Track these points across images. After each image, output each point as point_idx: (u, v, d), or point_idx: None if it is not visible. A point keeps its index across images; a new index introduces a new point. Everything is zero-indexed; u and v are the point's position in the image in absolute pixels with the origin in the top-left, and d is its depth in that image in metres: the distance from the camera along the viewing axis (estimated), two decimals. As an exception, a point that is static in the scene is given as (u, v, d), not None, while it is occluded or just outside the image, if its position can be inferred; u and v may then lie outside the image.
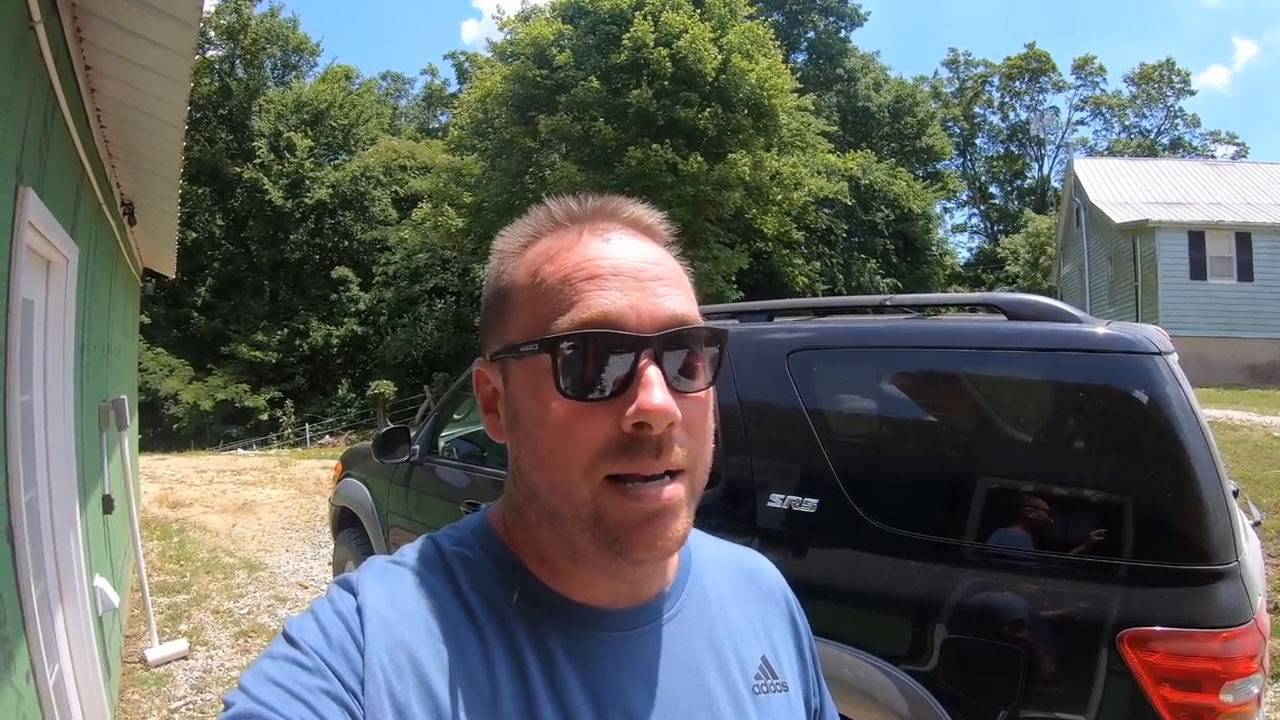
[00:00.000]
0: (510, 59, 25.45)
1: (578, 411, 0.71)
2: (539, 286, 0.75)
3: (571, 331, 0.71)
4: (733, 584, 0.94)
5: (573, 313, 0.72)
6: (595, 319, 0.71)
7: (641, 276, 0.74)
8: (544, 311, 0.74)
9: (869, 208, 35.77)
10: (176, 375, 30.89)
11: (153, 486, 11.84)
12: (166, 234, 7.32)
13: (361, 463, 5.62)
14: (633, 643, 0.80)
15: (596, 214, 0.80)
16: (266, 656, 0.70)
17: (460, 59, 47.93)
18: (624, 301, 0.72)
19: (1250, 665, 2.01)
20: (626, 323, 0.71)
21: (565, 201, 0.82)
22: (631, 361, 0.71)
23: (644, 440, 0.70)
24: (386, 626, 0.71)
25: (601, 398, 0.71)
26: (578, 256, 0.75)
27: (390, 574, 0.78)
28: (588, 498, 0.71)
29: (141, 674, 5.09)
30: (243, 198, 34.20)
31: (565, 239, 0.78)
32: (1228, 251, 19.73)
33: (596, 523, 0.72)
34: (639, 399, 0.69)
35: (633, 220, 0.80)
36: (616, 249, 0.76)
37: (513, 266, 0.80)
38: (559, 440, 0.72)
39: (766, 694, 0.87)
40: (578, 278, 0.73)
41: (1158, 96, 52.02)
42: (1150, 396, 2.20)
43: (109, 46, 3.25)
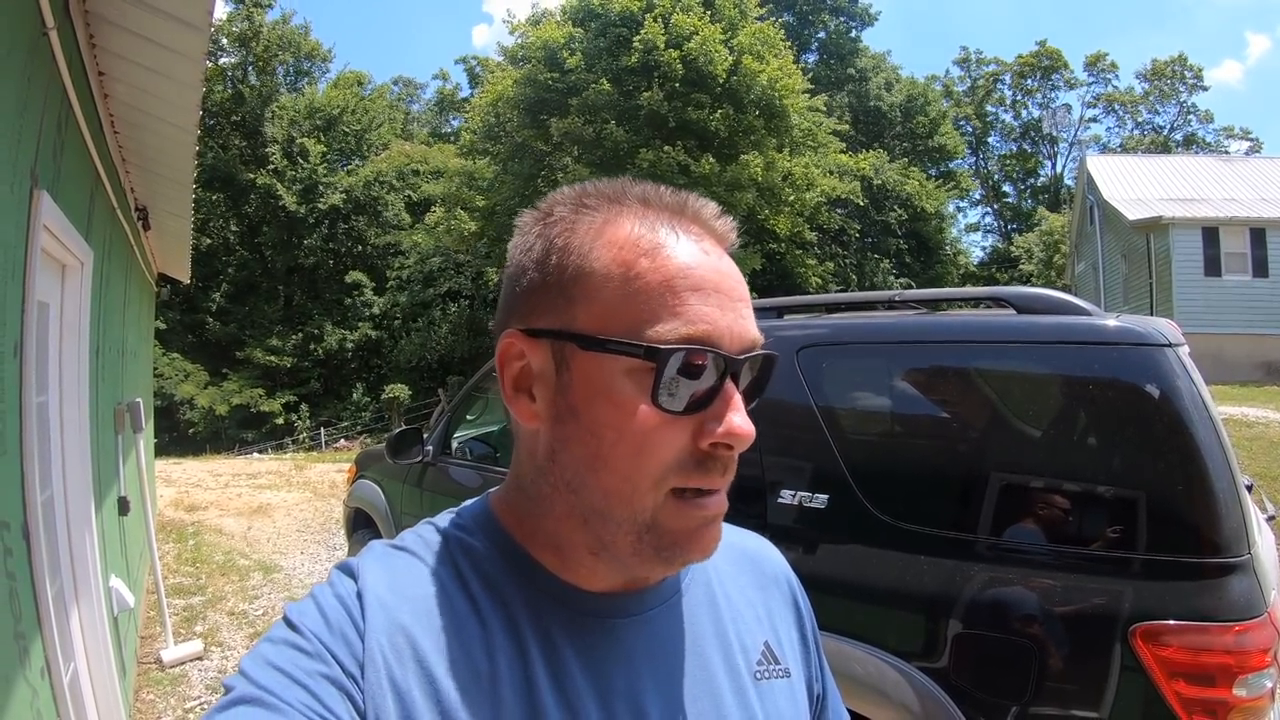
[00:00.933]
0: (521, 63, 25.47)
1: (663, 422, 0.70)
2: (633, 281, 0.71)
3: (679, 345, 0.69)
4: (735, 568, 0.94)
5: (676, 323, 0.69)
6: (701, 335, 0.69)
7: (733, 296, 0.73)
8: (639, 312, 0.70)
9: (882, 208, 35.69)
10: (192, 380, 31.12)
11: (169, 490, 11.91)
12: (181, 239, 7.37)
13: (375, 464, 5.64)
14: (635, 628, 0.80)
15: (692, 215, 0.77)
16: (266, 640, 0.70)
17: (471, 63, 48.12)
18: (723, 321, 0.71)
19: (1264, 659, 2.00)
20: (722, 342, 0.71)
21: (652, 187, 0.78)
22: (718, 381, 0.71)
23: (719, 459, 0.71)
24: (386, 611, 0.71)
25: (684, 413, 0.70)
26: (680, 261, 0.72)
27: (391, 558, 0.78)
28: (649, 507, 0.71)
29: (157, 674, 5.12)
30: (256, 203, 34.44)
31: (658, 233, 0.74)
32: (1242, 247, 19.56)
33: (650, 529, 0.72)
34: (728, 421, 0.69)
35: (721, 233, 0.78)
36: (715, 261, 0.74)
37: (586, 244, 0.74)
38: (635, 448, 0.70)
39: (769, 679, 0.86)
40: (682, 285, 0.71)
41: (1170, 92, 51.71)
42: (1161, 389, 2.19)
43: (121, 51, 3.28)
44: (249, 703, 0.64)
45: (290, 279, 35.99)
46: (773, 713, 0.84)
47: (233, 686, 0.66)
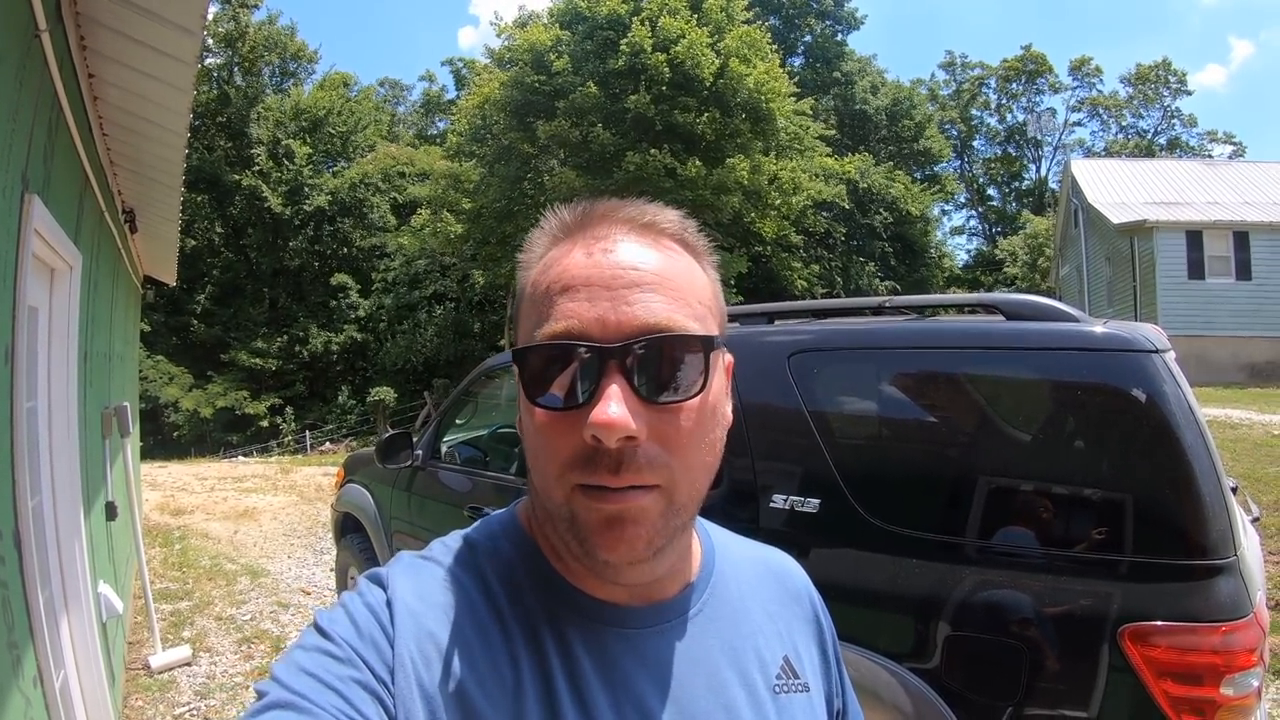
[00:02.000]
0: (508, 65, 25.47)
1: (548, 420, 0.72)
2: (531, 298, 0.77)
3: (530, 344, 0.73)
4: (757, 583, 0.94)
5: (547, 325, 0.72)
6: (559, 331, 0.71)
7: (615, 284, 0.73)
8: (531, 323, 0.76)
9: (867, 211, 35.79)
10: (176, 383, 30.97)
11: (154, 494, 11.87)
12: (167, 241, 7.34)
13: (364, 468, 5.61)
14: (652, 640, 0.80)
15: (590, 220, 0.79)
16: (298, 647, 0.72)
17: (458, 65, 48.06)
18: (591, 312, 0.71)
19: (1250, 659, 2.02)
20: (591, 333, 0.71)
21: (569, 210, 0.81)
22: (596, 373, 0.70)
23: (603, 453, 0.69)
24: (415, 619, 0.73)
25: (565, 408, 0.71)
26: (559, 268, 0.76)
27: (418, 568, 0.80)
28: (562, 501, 0.73)
29: (145, 680, 5.10)
30: (242, 205, 34.31)
31: (559, 248, 0.79)
32: (1225, 251, 19.76)
33: (571, 524, 0.73)
34: (593, 412, 0.68)
35: (628, 219, 0.78)
36: (597, 258, 0.75)
37: (524, 277, 0.82)
38: (538, 446, 0.74)
39: (788, 694, 0.87)
40: (555, 290, 0.74)
41: (1154, 97, 52.14)
42: (1148, 394, 2.21)
43: (112, 54, 3.27)
44: (282, 707, 0.65)
45: (275, 281, 35.85)
46: None
47: (265, 692, 0.67)
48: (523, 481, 3.93)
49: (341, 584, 5.87)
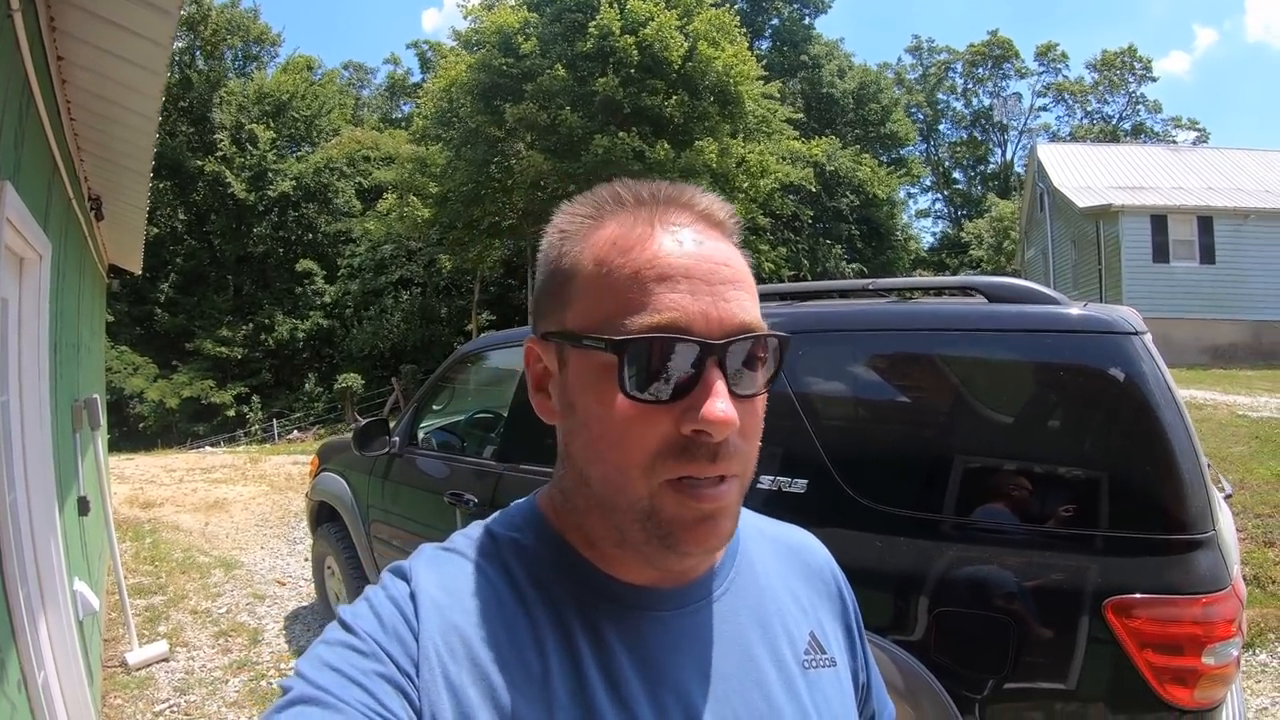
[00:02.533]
0: (475, 48, 25.28)
1: (639, 412, 0.71)
2: (607, 278, 0.74)
3: (640, 335, 0.70)
4: (780, 561, 0.95)
5: (643, 314, 0.70)
6: (665, 324, 0.70)
7: (713, 280, 0.73)
8: (610, 306, 0.72)
9: (834, 194, 35.91)
10: (141, 373, 30.63)
11: (122, 487, 11.71)
12: (134, 229, 7.22)
13: (339, 456, 5.57)
14: (682, 621, 0.80)
15: (669, 204, 0.78)
16: (322, 642, 0.71)
17: (423, 48, 47.56)
18: (695, 306, 0.71)
19: (1230, 629, 2.07)
20: (695, 328, 0.70)
21: (635, 185, 0.80)
22: (697, 367, 0.70)
23: (701, 445, 0.70)
24: (440, 611, 0.73)
25: (663, 401, 0.70)
26: (649, 253, 0.73)
27: (441, 560, 0.79)
28: (644, 495, 0.71)
29: (123, 678, 5.03)
30: (205, 191, 33.90)
31: (636, 229, 0.75)
32: (1190, 235, 20.05)
33: (650, 517, 0.72)
34: (704, 408, 0.68)
35: (705, 214, 0.78)
36: (690, 247, 0.74)
37: (576, 249, 0.78)
38: (618, 437, 0.72)
39: (816, 669, 0.87)
40: (649, 276, 0.72)
41: (1120, 83, 52.68)
42: (1128, 374, 2.26)
43: (84, 36, 3.18)
44: (307, 702, 0.65)
45: (240, 268, 35.47)
46: (820, 702, 0.85)
47: (290, 687, 0.67)
48: (504, 466, 3.93)
49: (318, 574, 5.83)
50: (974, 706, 2.28)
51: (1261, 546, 5.92)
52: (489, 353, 4.83)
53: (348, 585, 5.26)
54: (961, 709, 2.29)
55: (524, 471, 3.79)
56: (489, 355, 4.84)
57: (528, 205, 24.87)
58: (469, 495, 3.95)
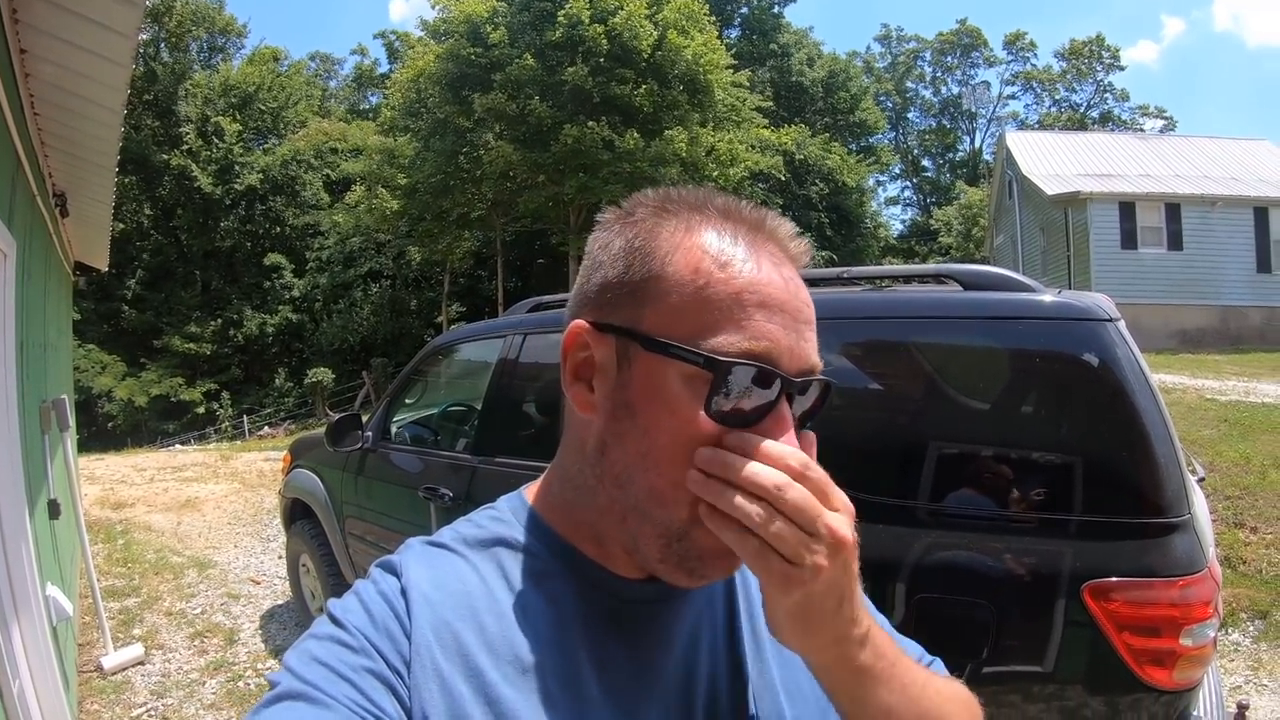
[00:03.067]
0: (443, 37, 25.13)
1: (715, 433, 0.70)
2: (704, 290, 0.72)
3: (738, 359, 0.69)
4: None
5: (739, 336, 0.70)
6: (761, 352, 0.69)
7: (799, 318, 0.73)
8: (704, 320, 0.71)
9: (803, 182, 36.01)
10: (109, 372, 30.21)
11: (93, 488, 11.53)
12: (100, 225, 7.11)
13: (311, 452, 5.53)
14: (671, 610, 0.81)
15: (770, 234, 0.78)
16: (310, 637, 0.71)
17: (391, 38, 47.01)
18: (785, 341, 0.71)
19: (1207, 610, 2.10)
20: (782, 362, 0.70)
21: (734, 202, 0.79)
22: (773, 399, 0.70)
23: None
24: (431, 606, 0.72)
25: (743, 425, 0.70)
26: (751, 276, 0.72)
27: (431, 554, 0.79)
28: (685, 516, 0.71)
29: (99, 683, 4.98)
30: (171, 186, 33.42)
31: (736, 247, 0.74)
32: (1158, 222, 20.29)
33: (681, 539, 0.72)
34: (782, 440, 0.68)
35: (796, 255, 0.78)
36: (787, 281, 0.74)
37: (665, 248, 0.75)
38: (684, 453, 0.70)
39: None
40: (750, 300, 0.71)
41: (1087, 71, 53.12)
42: (1102, 360, 2.28)
43: (47, 28, 3.12)
44: (294, 698, 0.65)
45: (207, 263, 35.06)
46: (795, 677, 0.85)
47: (277, 682, 0.67)
48: (479, 459, 3.92)
49: (293, 572, 5.79)
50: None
51: (1231, 528, 6.02)
52: (461, 345, 4.81)
53: (323, 582, 5.23)
54: (942, 694, 2.30)
55: (499, 464, 3.77)
56: (461, 348, 4.82)
57: (497, 196, 24.81)
58: (444, 489, 3.92)
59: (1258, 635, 5.00)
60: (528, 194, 24.01)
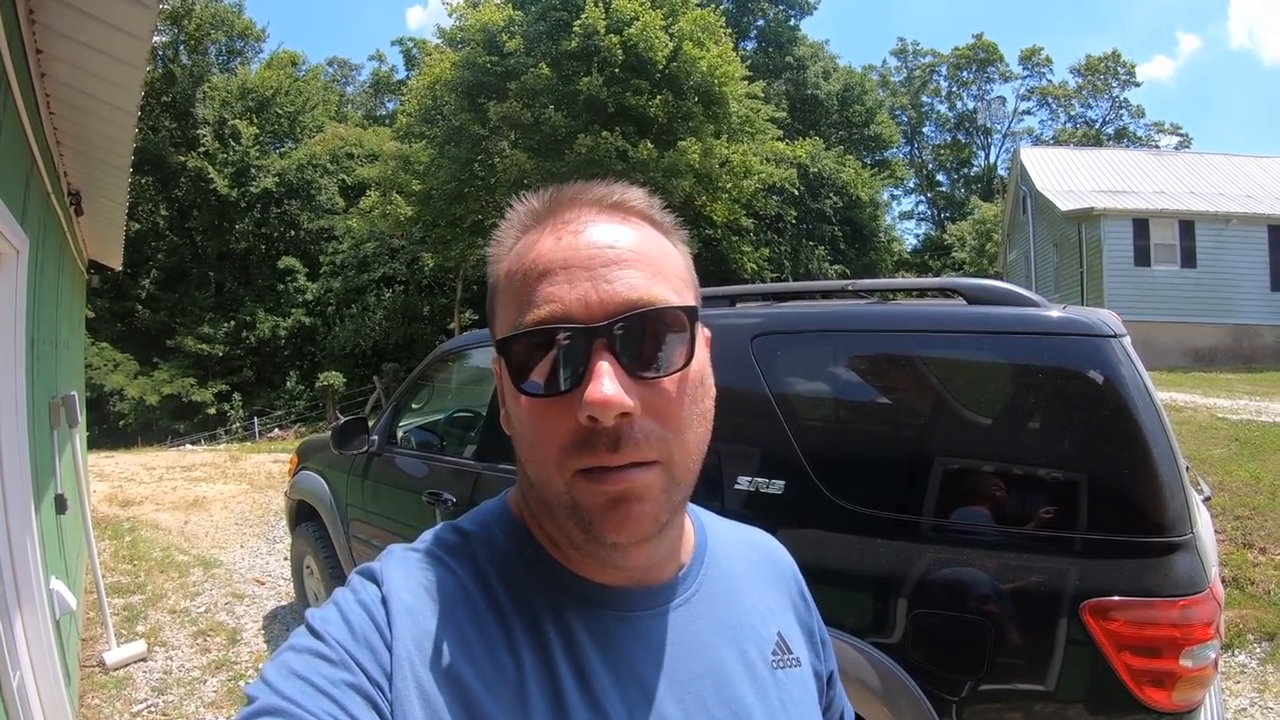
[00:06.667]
0: (460, 45, 25.17)
1: (540, 408, 0.72)
2: (509, 289, 0.77)
3: (512, 332, 0.73)
4: (747, 563, 0.95)
5: (529, 312, 0.72)
6: (544, 317, 0.71)
7: (593, 264, 0.73)
8: (511, 313, 0.75)
9: (817, 195, 35.94)
10: (121, 370, 30.35)
11: (102, 485, 11.58)
12: (114, 224, 7.16)
13: (318, 455, 5.55)
14: (652, 622, 0.81)
15: (558, 204, 0.80)
16: (289, 649, 0.71)
17: (408, 45, 47.46)
18: (572, 294, 0.71)
19: (1208, 631, 2.09)
20: (575, 314, 0.71)
21: (535, 197, 0.82)
22: (584, 354, 0.70)
23: (600, 433, 0.69)
24: (412, 616, 0.72)
25: (559, 393, 0.71)
26: (534, 254, 0.75)
27: (412, 562, 0.79)
28: (563, 489, 0.72)
29: (101, 678, 4.99)
30: (187, 187, 33.61)
31: (530, 235, 0.79)
32: (1171, 239, 20.22)
33: (574, 510, 0.72)
34: (586, 392, 0.68)
35: (595, 200, 0.79)
36: (570, 240, 0.75)
37: (496, 268, 0.81)
38: (533, 436, 0.74)
39: (784, 669, 0.88)
40: (532, 276, 0.74)
41: (1103, 87, 53.00)
42: (1107, 377, 2.27)
43: (62, 29, 3.16)
44: (272, 713, 0.64)
45: (221, 265, 35.22)
46: (788, 700, 0.86)
47: (255, 696, 0.66)
48: (483, 465, 3.92)
49: (297, 574, 5.80)
50: (951, 708, 2.28)
51: (1240, 548, 5.97)
52: (469, 351, 4.82)
53: (326, 585, 5.24)
54: (939, 711, 2.29)
55: (503, 471, 3.78)
56: (469, 354, 4.83)
57: (510, 204, 24.77)
58: (448, 494, 3.93)
59: (1264, 657, 4.95)
60: (541, 202, 23.92)
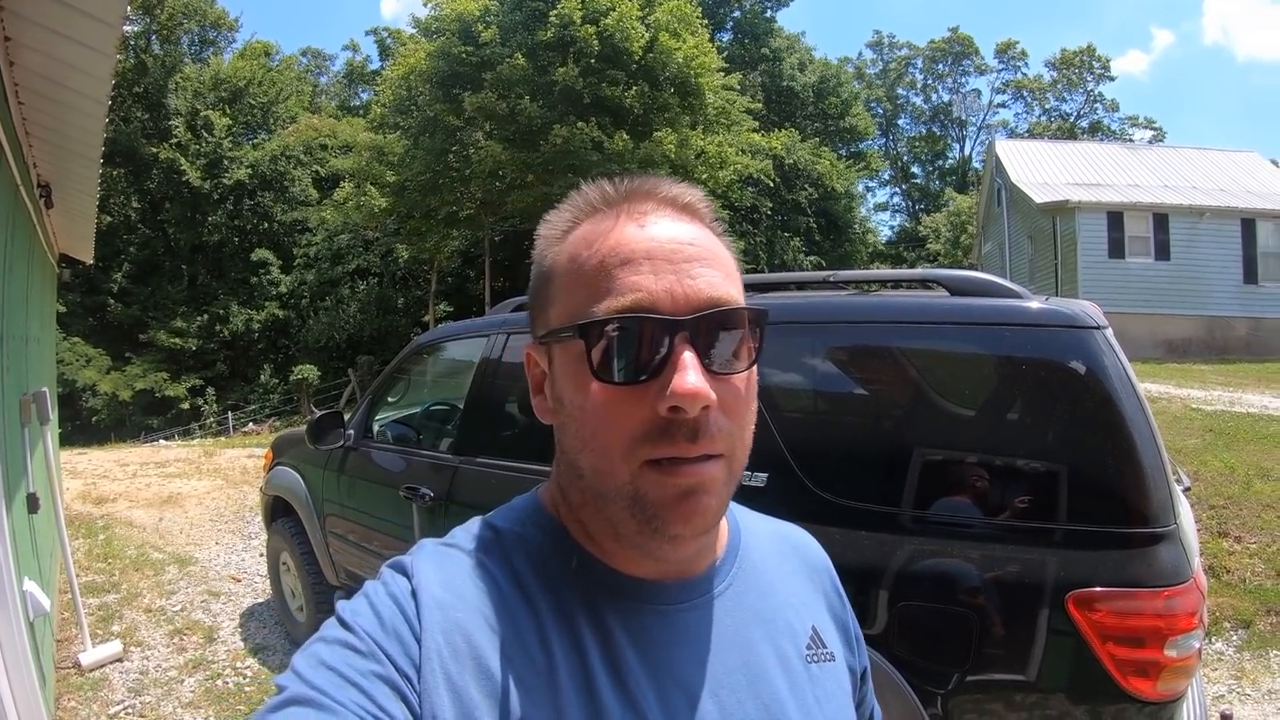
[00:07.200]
0: (434, 35, 25.12)
1: (614, 396, 0.72)
2: (578, 273, 0.76)
3: (602, 318, 0.72)
4: (781, 557, 0.96)
5: (609, 299, 0.72)
6: (629, 305, 0.71)
7: (676, 258, 0.74)
8: (581, 297, 0.75)
9: (792, 186, 36.05)
10: (94, 365, 29.97)
11: (75, 482, 11.41)
12: (85, 217, 7.04)
13: (293, 450, 5.49)
14: (687, 616, 0.81)
15: (633, 195, 0.80)
16: (319, 640, 0.71)
17: (383, 35, 47.05)
18: (658, 285, 0.72)
19: (1192, 621, 2.10)
20: (661, 306, 0.71)
21: (603, 185, 0.82)
22: (666, 345, 0.71)
23: (679, 424, 0.70)
24: (442, 609, 0.72)
25: (637, 382, 0.71)
26: (613, 241, 0.76)
27: (443, 556, 0.79)
28: (627, 479, 0.72)
29: (76, 679, 4.92)
30: (159, 179, 33.16)
31: (603, 223, 0.78)
32: (1145, 232, 20.39)
33: (635, 502, 0.72)
34: (673, 382, 0.69)
35: (670, 199, 0.80)
36: (652, 231, 0.76)
37: (554, 252, 0.81)
38: (599, 424, 0.73)
39: (819, 663, 0.89)
40: (613, 263, 0.74)
41: (1078, 81, 53.46)
42: (1090, 368, 2.27)
43: (32, 16, 3.08)
44: (301, 703, 0.65)
45: (194, 258, 34.82)
46: (822, 695, 0.87)
47: (285, 686, 0.67)
48: (460, 460, 3.89)
49: (273, 570, 5.74)
50: (937, 700, 2.28)
51: (1215, 537, 6.05)
52: (445, 344, 4.78)
53: (303, 581, 5.20)
54: (924, 702, 2.29)
55: (480, 464, 3.75)
56: (445, 346, 4.79)
57: (485, 195, 24.75)
58: (425, 489, 3.90)
59: (1241, 645, 5.02)
60: (516, 193, 23.87)
